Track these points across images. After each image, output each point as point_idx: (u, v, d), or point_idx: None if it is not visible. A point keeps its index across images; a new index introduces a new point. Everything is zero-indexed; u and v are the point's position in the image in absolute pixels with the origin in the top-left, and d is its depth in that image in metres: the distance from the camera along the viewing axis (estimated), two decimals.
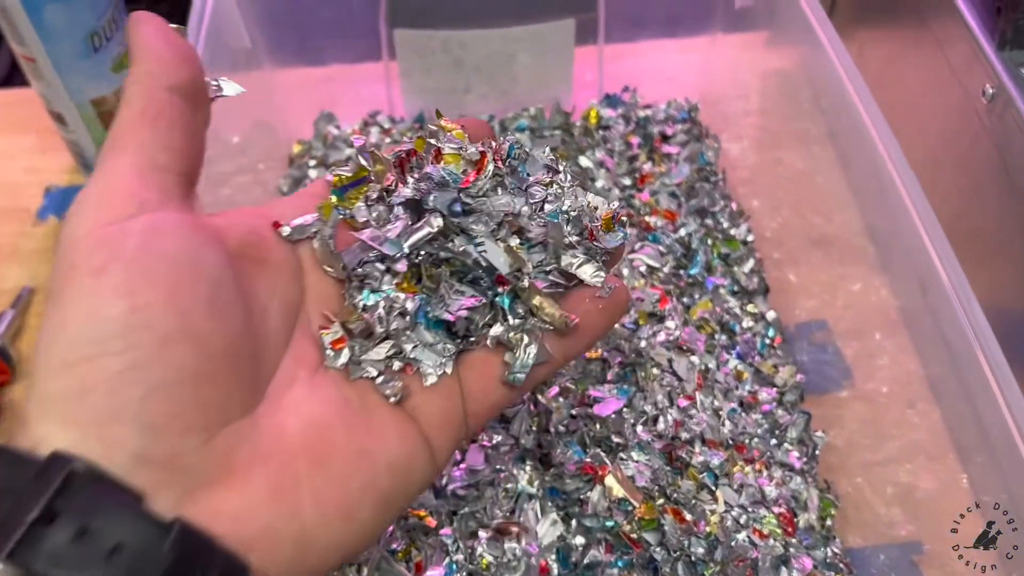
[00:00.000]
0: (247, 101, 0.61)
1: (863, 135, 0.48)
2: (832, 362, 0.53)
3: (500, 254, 0.29)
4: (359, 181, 0.31)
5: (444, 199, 0.29)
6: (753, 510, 0.45)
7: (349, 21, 0.59)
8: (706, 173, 0.61)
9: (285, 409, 0.26)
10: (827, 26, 0.51)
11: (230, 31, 0.55)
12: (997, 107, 0.49)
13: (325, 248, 0.30)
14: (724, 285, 0.55)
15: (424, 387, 0.29)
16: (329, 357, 0.29)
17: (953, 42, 0.53)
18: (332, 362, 0.29)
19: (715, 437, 0.46)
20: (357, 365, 0.29)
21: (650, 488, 0.43)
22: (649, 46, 0.65)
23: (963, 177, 0.54)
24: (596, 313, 0.31)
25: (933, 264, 0.43)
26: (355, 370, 0.29)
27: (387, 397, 0.29)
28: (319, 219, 0.30)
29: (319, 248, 0.30)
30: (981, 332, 0.40)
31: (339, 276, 0.30)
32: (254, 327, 0.26)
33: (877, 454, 0.49)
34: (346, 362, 0.29)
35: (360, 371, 0.29)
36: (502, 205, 0.30)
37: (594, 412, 0.45)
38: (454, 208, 0.29)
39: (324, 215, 0.30)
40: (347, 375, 0.29)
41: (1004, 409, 0.40)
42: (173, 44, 0.26)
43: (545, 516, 0.43)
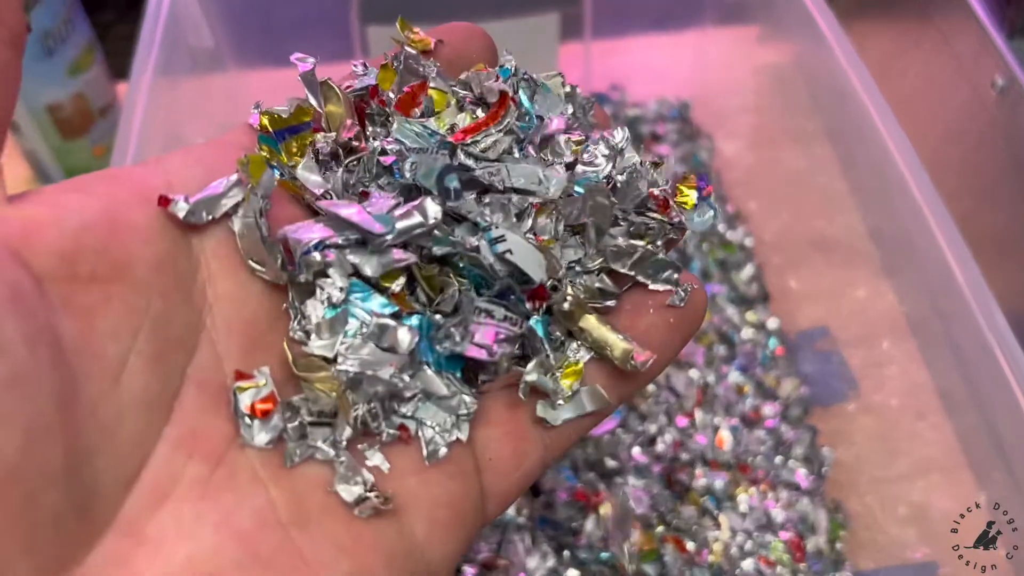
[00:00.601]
0: (212, 103, 0.58)
1: (870, 132, 0.45)
2: (837, 373, 0.50)
3: (533, 253, 0.20)
4: (300, 127, 0.20)
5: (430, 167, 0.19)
6: (759, 535, 0.42)
7: (319, 18, 0.56)
8: (700, 174, 0.58)
9: (146, 550, 0.16)
10: (828, 17, 0.49)
11: (191, 29, 0.51)
12: (1009, 100, 0.47)
13: (251, 232, 0.18)
14: (722, 293, 0.52)
15: (424, 466, 0.19)
16: (246, 429, 0.18)
17: (959, 32, 0.50)
18: (250, 438, 0.18)
19: (716, 457, 0.43)
20: (299, 441, 0.18)
21: (649, 515, 0.40)
22: (637, 41, 0.63)
23: (973, 174, 0.51)
24: (664, 330, 0.21)
25: (949, 268, 0.41)
26: (293, 450, 0.18)
27: (354, 506, 0.18)
28: (241, 183, 0.19)
29: (242, 232, 0.18)
30: (1004, 340, 0.38)
31: (275, 280, 0.19)
32: (76, 417, 0.15)
33: (888, 471, 0.47)
34: (274, 437, 0.18)
35: (304, 450, 0.18)
36: (527, 176, 0.20)
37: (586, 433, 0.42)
38: (448, 183, 0.19)
39: (251, 176, 0.19)
40: (280, 460, 0.18)
41: None
42: None
43: (535, 548, 0.39)
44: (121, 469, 0.16)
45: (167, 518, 0.16)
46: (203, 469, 0.17)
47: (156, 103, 0.45)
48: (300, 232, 0.18)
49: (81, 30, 0.54)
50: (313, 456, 0.18)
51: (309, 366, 0.19)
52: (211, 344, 0.18)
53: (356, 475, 0.18)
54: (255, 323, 0.18)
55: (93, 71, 0.56)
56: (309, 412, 0.18)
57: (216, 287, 0.18)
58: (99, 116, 0.57)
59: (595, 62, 0.61)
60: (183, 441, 0.17)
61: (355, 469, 0.18)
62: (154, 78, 0.44)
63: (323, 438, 0.18)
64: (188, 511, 0.16)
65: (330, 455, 0.18)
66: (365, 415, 0.19)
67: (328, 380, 0.18)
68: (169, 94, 0.48)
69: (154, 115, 0.45)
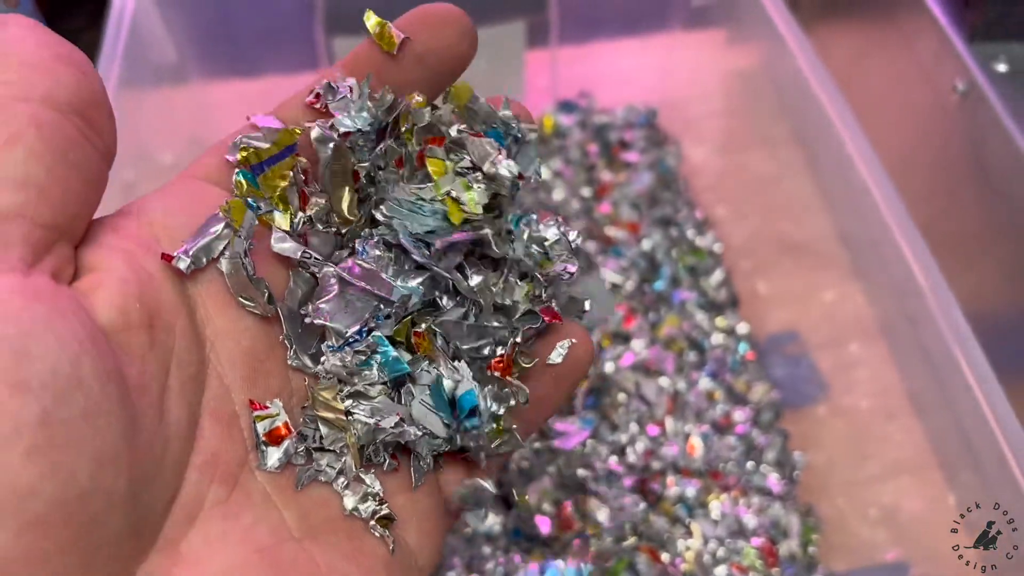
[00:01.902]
0: (178, 118, 0.57)
1: (831, 136, 0.45)
2: (808, 376, 0.50)
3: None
4: (281, 154, 0.21)
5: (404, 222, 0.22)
6: (731, 542, 0.42)
7: (284, 29, 0.56)
8: (668, 180, 0.58)
9: (183, 568, 0.17)
10: (789, 22, 0.49)
11: (153, 45, 0.51)
12: (969, 103, 0.47)
13: (239, 271, 0.20)
14: (691, 299, 0.52)
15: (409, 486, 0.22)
16: (262, 455, 0.20)
17: (920, 36, 0.51)
18: (264, 462, 0.20)
19: (688, 464, 0.43)
20: (306, 465, 0.21)
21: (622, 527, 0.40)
22: (604, 47, 0.63)
23: (936, 177, 0.52)
24: (548, 384, 0.24)
25: (911, 270, 0.41)
26: (302, 473, 0.21)
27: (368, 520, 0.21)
28: (227, 226, 0.20)
29: (230, 271, 0.20)
30: (964, 341, 0.38)
31: (264, 313, 0.20)
32: (138, 448, 0.17)
33: (859, 473, 0.47)
34: (284, 461, 0.20)
35: (312, 474, 0.21)
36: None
37: (556, 446, 0.41)
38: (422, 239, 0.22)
39: (234, 220, 0.20)
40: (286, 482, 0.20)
41: (992, 423, 0.38)
42: (49, 46, 0.18)
43: (508, 560, 0.39)
44: (166, 494, 0.18)
45: (197, 537, 0.18)
46: (222, 491, 0.19)
47: (120, 118, 0.44)
48: (336, 318, 0.21)
49: None
50: (318, 479, 0.21)
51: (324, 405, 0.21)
52: (218, 377, 0.19)
53: (367, 496, 0.21)
54: (253, 354, 0.20)
55: None
56: (313, 439, 0.21)
57: (214, 324, 0.20)
58: None
59: (562, 69, 0.61)
60: (206, 467, 0.18)
61: (363, 491, 0.21)
62: (117, 92, 0.44)
63: (328, 463, 0.21)
64: (214, 530, 0.18)
65: (333, 477, 0.21)
66: (369, 453, 0.21)
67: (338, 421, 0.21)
68: (133, 108, 0.48)
69: (119, 129, 0.44)
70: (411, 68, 0.22)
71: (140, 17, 0.49)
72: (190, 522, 0.18)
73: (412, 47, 0.21)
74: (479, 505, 0.23)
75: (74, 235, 0.18)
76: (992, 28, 0.47)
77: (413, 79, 0.22)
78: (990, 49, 0.47)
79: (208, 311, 0.20)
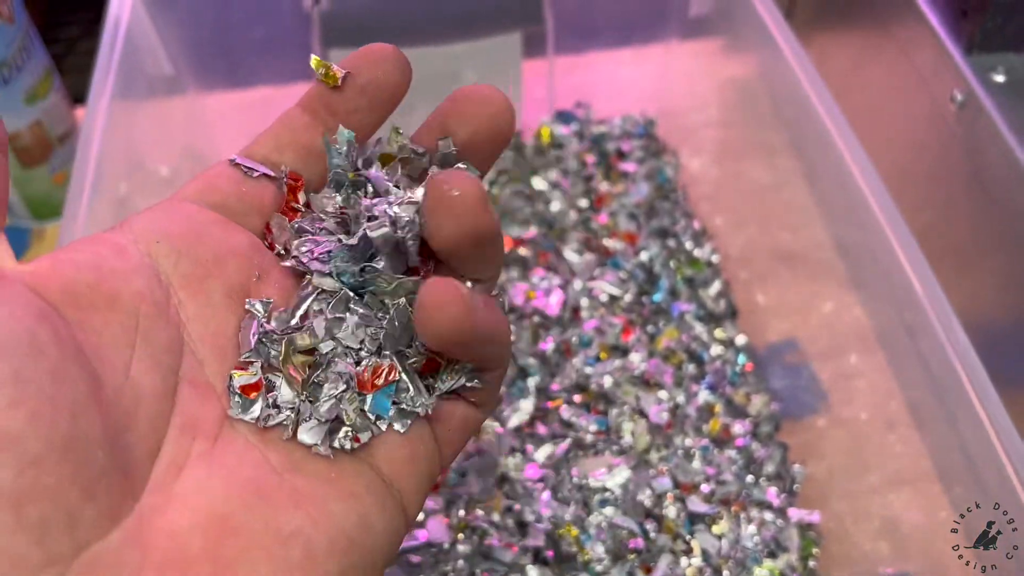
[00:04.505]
0: (174, 129, 0.57)
1: (828, 145, 0.45)
2: (807, 387, 0.50)
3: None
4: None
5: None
6: (732, 556, 0.41)
7: (279, 41, 0.56)
8: (666, 191, 0.58)
9: (175, 503, 0.20)
10: (786, 32, 0.49)
11: (148, 56, 0.51)
12: (967, 114, 0.47)
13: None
14: (690, 311, 0.52)
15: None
16: (236, 406, 0.22)
17: (918, 46, 0.51)
18: (238, 412, 0.22)
19: (688, 479, 0.43)
20: (278, 409, 0.23)
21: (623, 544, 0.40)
22: (601, 57, 0.63)
23: (934, 187, 0.52)
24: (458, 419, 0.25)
25: (909, 280, 0.41)
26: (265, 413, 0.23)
27: (330, 437, 0.23)
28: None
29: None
30: (962, 351, 0.38)
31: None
32: (105, 401, 0.19)
33: (859, 484, 0.47)
34: (259, 415, 0.22)
35: (277, 413, 0.23)
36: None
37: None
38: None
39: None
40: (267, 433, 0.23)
41: (991, 433, 0.37)
42: None
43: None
44: (146, 443, 0.20)
45: (187, 481, 0.21)
46: (206, 445, 0.21)
47: (115, 130, 0.44)
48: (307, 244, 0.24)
49: (38, 57, 0.53)
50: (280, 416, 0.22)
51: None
52: (192, 353, 0.22)
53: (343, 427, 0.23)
54: (223, 334, 0.23)
55: (51, 98, 0.55)
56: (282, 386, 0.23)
57: (186, 310, 0.23)
58: (58, 143, 0.56)
59: (559, 79, 0.61)
60: (187, 426, 0.21)
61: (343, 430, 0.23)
62: (111, 104, 0.44)
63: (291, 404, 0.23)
64: (201, 474, 0.21)
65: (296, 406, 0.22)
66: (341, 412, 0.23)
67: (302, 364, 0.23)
68: (128, 120, 0.47)
69: (113, 142, 0.44)
70: (354, 98, 0.25)
71: (135, 28, 0.49)
72: (179, 471, 0.21)
73: (354, 80, 0.25)
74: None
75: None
76: (990, 38, 0.47)
77: (357, 107, 0.25)
78: (988, 59, 0.47)
79: (181, 300, 0.23)
